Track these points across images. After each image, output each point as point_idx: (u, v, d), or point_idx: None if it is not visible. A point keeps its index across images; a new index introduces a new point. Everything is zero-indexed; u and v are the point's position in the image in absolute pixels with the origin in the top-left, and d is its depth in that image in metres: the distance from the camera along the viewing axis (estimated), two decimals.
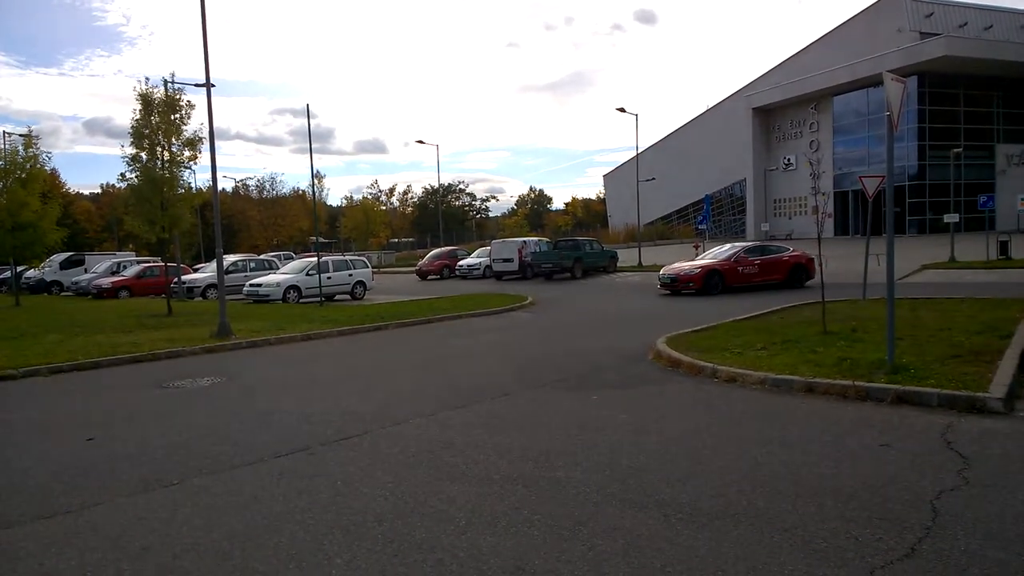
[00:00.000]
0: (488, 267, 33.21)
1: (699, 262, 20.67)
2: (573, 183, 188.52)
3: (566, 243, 32.96)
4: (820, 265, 10.76)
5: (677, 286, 19.99)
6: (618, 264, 33.37)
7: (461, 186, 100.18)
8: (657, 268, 33.16)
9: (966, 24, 47.81)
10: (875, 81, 43.47)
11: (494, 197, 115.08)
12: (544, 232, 70.13)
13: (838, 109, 51.16)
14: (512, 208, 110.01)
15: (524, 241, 33.52)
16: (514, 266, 31.57)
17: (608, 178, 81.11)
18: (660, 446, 5.48)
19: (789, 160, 54.80)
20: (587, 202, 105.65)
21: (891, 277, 7.63)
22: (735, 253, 20.80)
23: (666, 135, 71.19)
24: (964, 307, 12.67)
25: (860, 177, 14.21)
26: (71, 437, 6.56)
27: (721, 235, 57.22)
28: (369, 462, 5.38)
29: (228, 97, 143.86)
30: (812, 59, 52.17)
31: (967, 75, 44.77)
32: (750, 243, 23.78)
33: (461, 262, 35.90)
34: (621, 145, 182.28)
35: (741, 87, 61.04)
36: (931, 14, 46.82)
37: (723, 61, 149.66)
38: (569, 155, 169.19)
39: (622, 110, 37.95)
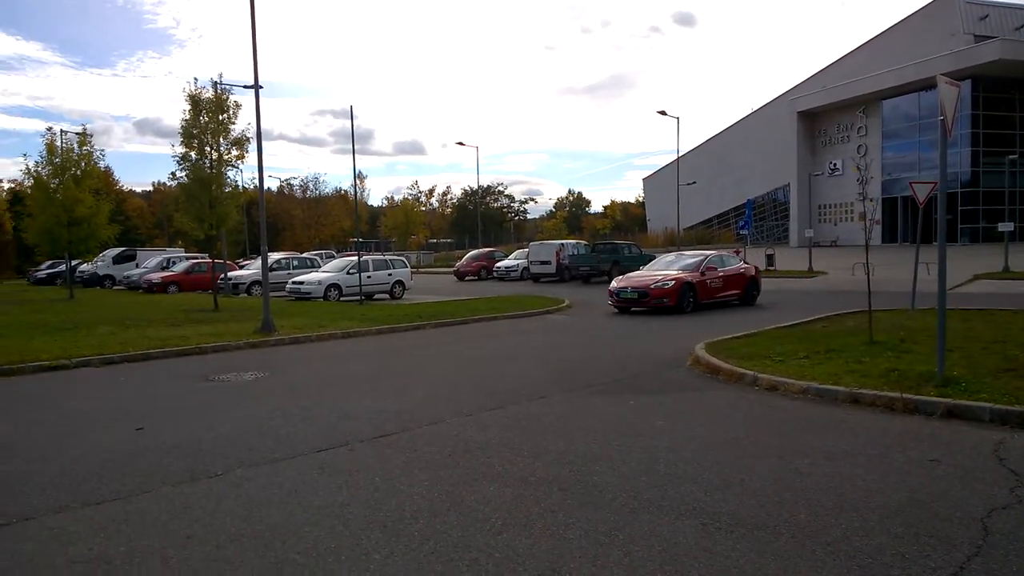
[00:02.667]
0: (525, 269, 33.25)
1: (670, 273, 17.54)
2: (612, 186, 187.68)
3: (604, 246, 32.79)
4: (868, 273, 10.49)
5: (648, 302, 16.73)
6: None
7: (500, 188, 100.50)
8: None
9: (1023, 27, 46.20)
10: (926, 85, 42.30)
11: (532, 199, 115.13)
12: (582, 235, 69.85)
13: (887, 113, 49.91)
14: (550, 210, 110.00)
15: (562, 244, 33.47)
16: (551, 268, 31.55)
17: (647, 181, 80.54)
18: (699, 453, 5.41)
19: (835, 165, 53.65)
20: (626, 205, 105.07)
21: (943, 286, 7.41)
22: (702, 263, 17.94)
23: (707, 139, 70.43)
24: (1019, 319, 12.23)
25: (911, 183, 13.85)
26: (121, 426, 6.77)
27: (763, 241, 56.29)
28: (406, 460, 5.43)
29: (272, 98, 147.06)
30: (859, 62, 51.04)
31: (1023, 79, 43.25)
32: (710, 252, 20.46)
33: (499, 264, 36.02)
34: (661, 148, 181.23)
35: (785, 91, 60.07)
36: (986, 16, 45.38)
37: (766, 64, 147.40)
38: (608, 158, 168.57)
39: (663, 113, 37.68)
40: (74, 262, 30.41)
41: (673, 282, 16.77)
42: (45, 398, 8.52)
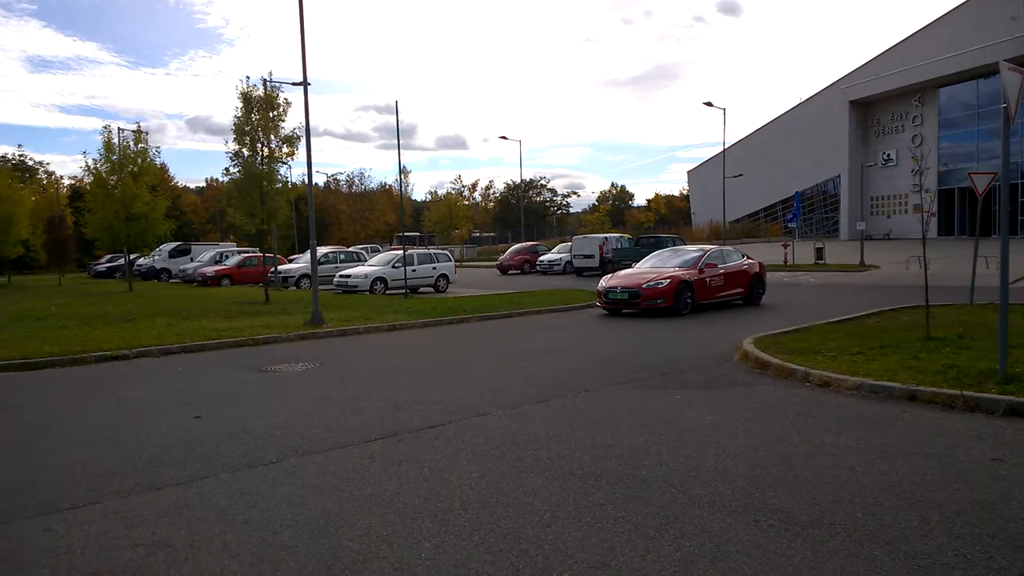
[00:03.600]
0: (569, 263, 33.16)
1: (665, 271, 15.82)
2: (656, 179, 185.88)
3: (648, 240, 32.46)
4: (924, 266, 10.18)
5: (639, 303, 14.99)
6: None
7: (542, 182, 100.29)
8: None
9: None
10: (986, 72, 40.67)
11: (575, 193, 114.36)
12: (625, 229, 69.42)
13: (944, 101, 48.21)
14: (593, 204, 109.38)
15: (605, 237, 33.28)
16: (595, 262, 31.40)
17: (692, 174, 79.32)
18: (749, 449, 5.34)
19: (889, 155, 52.07)
20: (670, 199, 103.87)
21: (1005, 279, 7.15)
22: (700, 259, 16.19)
23: (754, 130, 68.95)
24: None
25: (970, 174, 13.35)
26: (180, 414, 7.01)
27: (812, 234, 54.99)
28: (454, 451, 5.49)
29: (317, 95, 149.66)
30: (915, 49, 49.27)
31: None
32: (710, 247, 18.51)
33: (541, 257, 36.00)
34: (706, 140, 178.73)
35: (836, 79, 58.34)
36: None
37: (815, 52, 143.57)
38: (652, 151, 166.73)
39: (709, 104, 37.05)
40: (132, 256, 31.47)
41: (668, 280, 15.08)
42: (108, 386, 8.85)
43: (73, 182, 57.50)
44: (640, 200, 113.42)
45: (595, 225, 71.88)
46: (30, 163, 66.79)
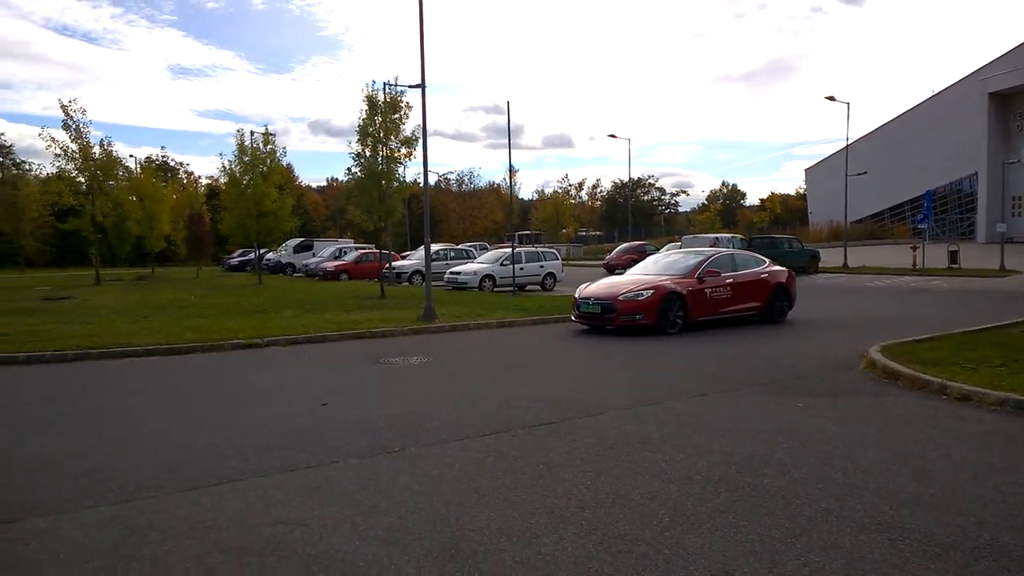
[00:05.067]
0: None
1: (650, 279, 13.30)
2: (769, 178, 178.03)
3: (761, 240, 31.28)
4: None
5: (615, 319, 12.57)
6: (820, 265, 31.09)
7: (650, 180, 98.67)
8: (867, 271, 30.42)
9: None
10: None
11: (684, 192, 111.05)
12: (737, 229, 67.11)
13: None
14: (702, 203, 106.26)
15: (716, 237, 32.31)
16: None
17: (810, 172, 75.54)
18: (880, 463, 5.06)
19: None
20: (785, 198, 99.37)
21: None
22: (701, 265, 13.51)
23: (880, 125, 64.86)
24: None
25: None
26: (306, 401, 7.45)
27: (944, 236, 51.02)
28: (568, 449, 5.53)
29: (428, 96, 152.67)
30: None
31: None
32: (717, 250, 16.18)
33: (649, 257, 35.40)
34: (824, 137, 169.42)
35: (973, 70, 53.79)
36: None
37: (947, 42, 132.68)
38: (765, 148, 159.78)
39: (831, 99, 35.18)
40: (262, 251, 33.62)
41: (651, 292, 12.53)
42: (243, 373, 9.53)
43: (209, 181, 62.17)
44: (752, 199, 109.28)
45: (705, 225, 69.78)
46: (172, 164, 72.74)
